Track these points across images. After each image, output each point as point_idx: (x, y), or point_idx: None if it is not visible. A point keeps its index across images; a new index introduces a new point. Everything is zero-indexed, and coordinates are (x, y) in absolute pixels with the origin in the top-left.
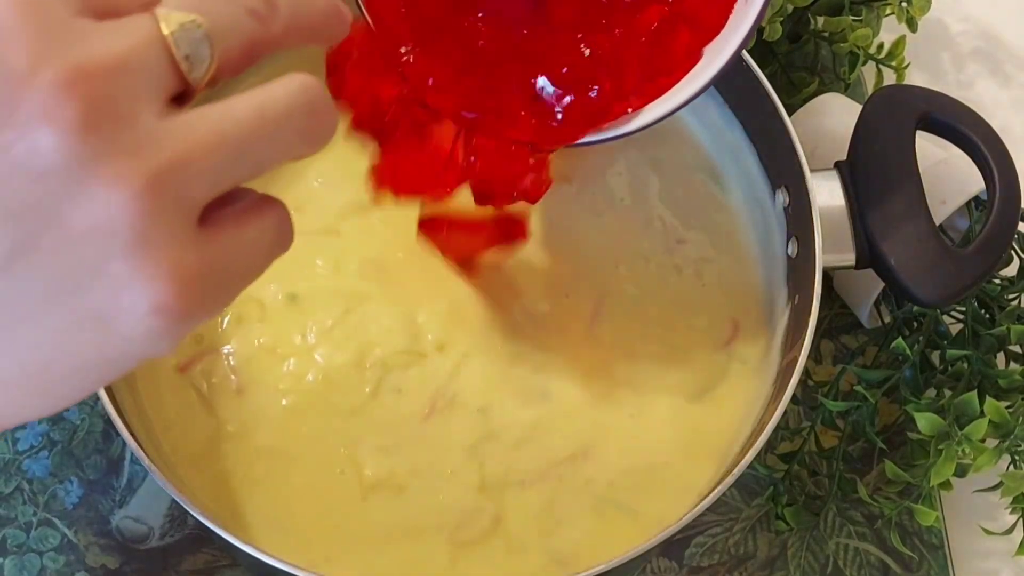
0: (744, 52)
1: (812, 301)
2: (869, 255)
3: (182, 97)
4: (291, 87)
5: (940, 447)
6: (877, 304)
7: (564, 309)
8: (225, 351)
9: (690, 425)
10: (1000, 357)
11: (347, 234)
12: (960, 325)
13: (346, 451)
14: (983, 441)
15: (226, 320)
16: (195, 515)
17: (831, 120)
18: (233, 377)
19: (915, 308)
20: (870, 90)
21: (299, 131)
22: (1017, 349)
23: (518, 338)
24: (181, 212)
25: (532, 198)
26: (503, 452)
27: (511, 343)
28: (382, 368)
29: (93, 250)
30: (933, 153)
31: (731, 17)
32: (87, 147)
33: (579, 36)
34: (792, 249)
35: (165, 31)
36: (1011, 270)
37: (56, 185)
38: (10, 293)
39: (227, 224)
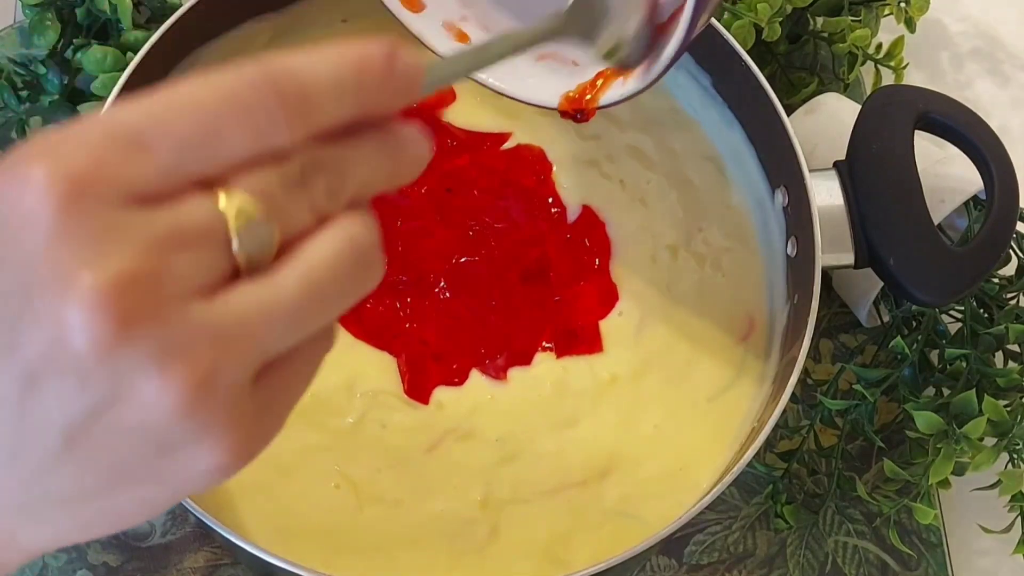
0: (743, 52)
1: (811, 300)
2: (868, 254)
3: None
4: (337, 244)
5: (939, 446)
6: (876, 303)
7: (614, 325)
8: None
9: (707, 426)
10: (999, 356)
11: None
12: (959, 324)
13: (339, 468)
14: (981, 440)
15: None
16: (196, 514)
17: (830, 120)
18: None
19: (914, 307)
20: (869, 90)
21: (348, 291)
22: (1016, 348)
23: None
24: (231, 396)
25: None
26: (514, 475)
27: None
28: (371, 400)
29: (142, 442)
30: (932, 153)
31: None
32: (128, 356)
33: None
34: (791, 248)
35: (230, 226)
36: (1009, 269)
37: (102, 389)
38: (63, 479)
39: (279, 369)
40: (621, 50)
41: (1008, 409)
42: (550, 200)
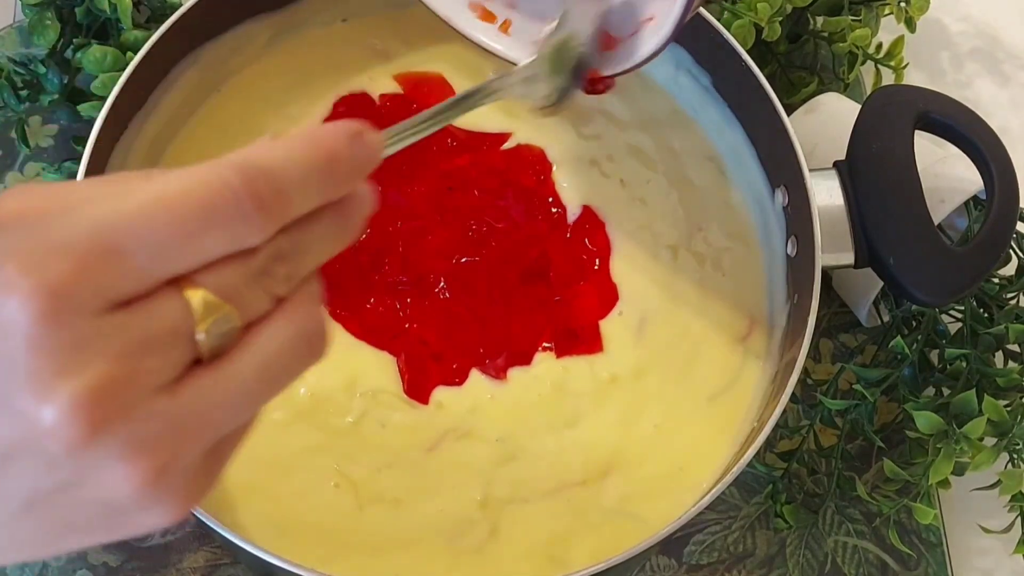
0: (743, 52)
1: (811, 300)
2: (868, 254)
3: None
4: (289, 333)
5: (939, 445)
6: (876, 303)
7: (615, 325)
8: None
9: (707, 426)
10: (999, 356)
11: None
12: (959, 324)
13: (339, 467)
14: (981, 440)
15: None
16: (196, 514)
17: (830, 120)
18: None
19: (914, 307)
20: (869, 90)
21: (296, 372)
22: (1015, 348)
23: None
24: (185, 475)
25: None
26: (514, 475)
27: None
28: (371, 400)
29: (98, 510)
30: (932, 152)
31: None
32: (96, 452)
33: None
34: (791, 248)
35: (198, 325)
36: (1009, 269)
37: (68, 475)
38: (19, 531)
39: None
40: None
41: (1008, 409)
42: (550, 200)
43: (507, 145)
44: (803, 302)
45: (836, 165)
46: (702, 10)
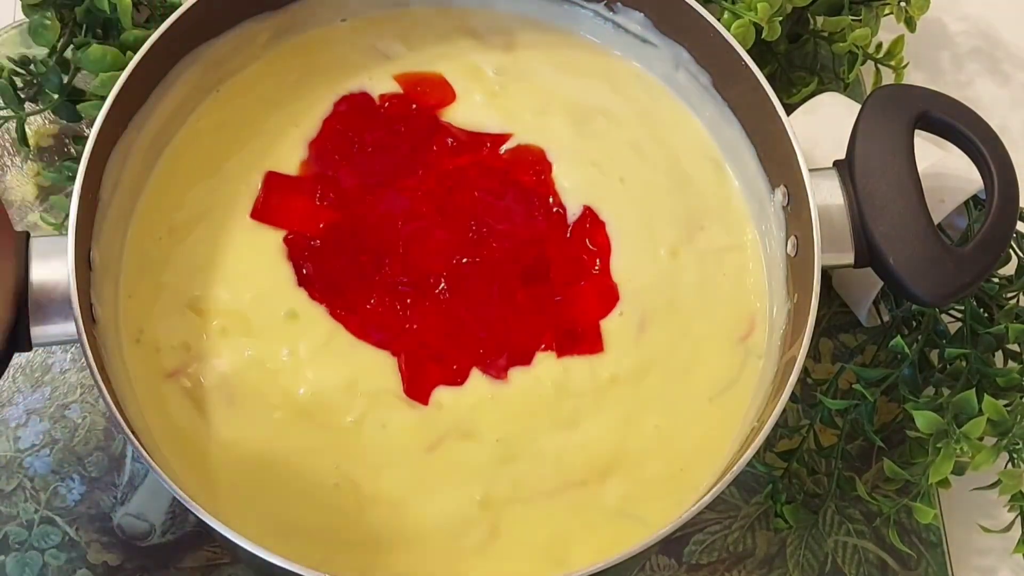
0: (743, 52)
1: (811, 300)
2: (868, 254)
3: None
4: None
5: (938, 445)
6: (876, 303)
7: (615, 325)
8: (214, 361)
9: (707, 426)
10: (999, 356)
11: None
12: (959, 324)
13: (339, 467)
14: (981, 439)
15: (211, 331)
16: (196, 513)
17: (830, 119)
18: (223, 387)
19: (914, 307)
20: (869, 89)
21: None
22: (1015, 348)
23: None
24: None
25: None
26: (514, 475)
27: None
28: (371, 400)
29: None
30: (932, 152)
31: None
32: None
33: None
34: (791, 248)
35: None
36: (1009, 269)
37: None
38: None
39: None
40: None
41: (1008, 409)
42: (550, 200)
43: (507, 145)
44: (803, 302)
45: (836, 165)
46: (702, 10)
